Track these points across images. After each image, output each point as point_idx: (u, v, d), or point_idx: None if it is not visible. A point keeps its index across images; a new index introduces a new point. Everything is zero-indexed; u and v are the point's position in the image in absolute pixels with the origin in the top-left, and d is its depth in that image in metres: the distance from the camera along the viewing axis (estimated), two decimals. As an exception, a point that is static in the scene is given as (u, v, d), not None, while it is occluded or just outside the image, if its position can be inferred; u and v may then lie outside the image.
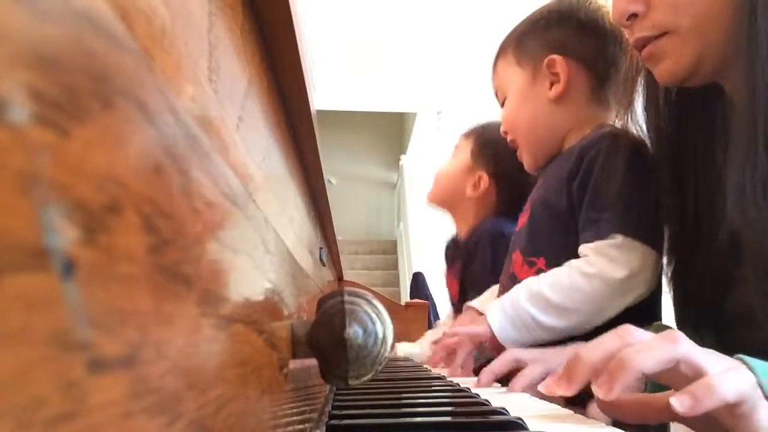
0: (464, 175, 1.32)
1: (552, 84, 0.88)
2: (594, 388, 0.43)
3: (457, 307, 1.30)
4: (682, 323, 0.72)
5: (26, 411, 0.09)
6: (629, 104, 0.73)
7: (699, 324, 0.69)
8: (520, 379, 0.68)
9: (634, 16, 0.61)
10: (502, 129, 0.97)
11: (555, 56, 0.87)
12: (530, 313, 0.77)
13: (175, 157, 0.18)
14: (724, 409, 0.39)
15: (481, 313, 0.94)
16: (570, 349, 0.70)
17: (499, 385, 0.77)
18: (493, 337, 0.79)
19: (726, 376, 0.40)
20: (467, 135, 1.37)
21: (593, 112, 0.89)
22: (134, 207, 0.14)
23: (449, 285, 1.39)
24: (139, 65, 0.16)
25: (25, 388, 0.09)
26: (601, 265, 0.74)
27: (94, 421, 0.11)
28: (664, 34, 0.59)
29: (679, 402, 0.39)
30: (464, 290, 1.29)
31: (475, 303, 1.03)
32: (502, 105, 0.96)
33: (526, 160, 0.95)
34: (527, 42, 0.91)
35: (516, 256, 0.91)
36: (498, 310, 0.80)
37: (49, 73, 0.11)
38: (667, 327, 0.74)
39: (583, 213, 0.80)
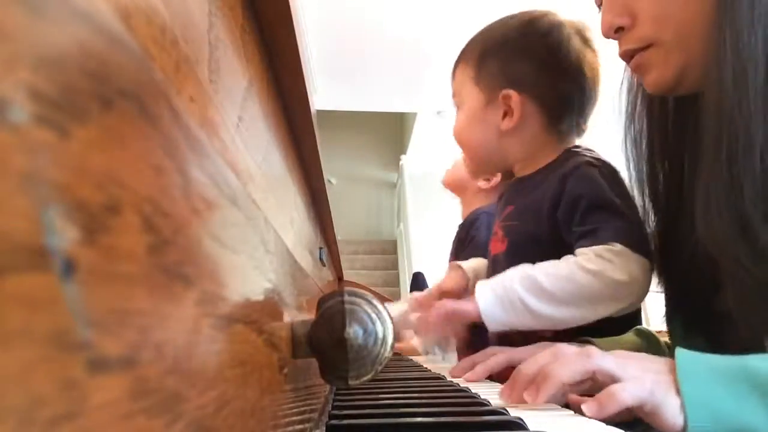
0: None
1: (505, 114, 0.89)
2: (524, 395, 0.53)
3: None
4: (672, 323, 0.73)
5: (26, 411, 0.09)
6: (632, 115, 0.74)
7: (688, 324, 0.69)
8: (480, 367, 0.74)
9: (621, 29, 0.63)
10: (455, 138, 0.98)
11: (511, 92, 0.88)
12: (520, 294, 0.76)
13: (175, 157, 0.18)
14: (635, 410, 0.48)
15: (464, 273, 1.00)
16: (536, 347, 0.73)
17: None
18: (478, 315, 0.79)
19: (625, 385, 0.49)
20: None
21: (543, 145, 0.90)
22: (134, 207, 0.14)
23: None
24: (139, 65, 0.16)
25: (25, 388, 0.09)
26: (603, 265, 0.75)
27: (94, 421, 0.11)
28: (650, 45, 0.62)
29: (587, 407, 0.48)
30: None
31: (462, 262, 1.04)
32: (457, 108, 0.97)
33: (469, 167, 1.03)
34: (489, 64, 0.91)
35: None
36: (487, 288, 0.80)
37: (49, 73, 0.11)
38: (649, 332, 0.76)
39: (576, 227, 0.80)
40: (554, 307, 0.76)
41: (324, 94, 4.47)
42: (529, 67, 0.88)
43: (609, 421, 0.48)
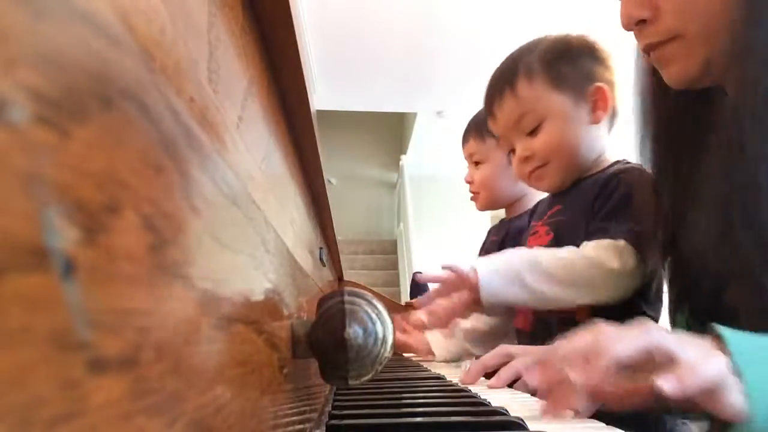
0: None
1: (593, 109, 0.93)
2: (571, 375, 0.46)
3: None
4: (677, 314, 0.73)
5: (26, 411, 0.09)
6: (643, 113, 0.75)
7: (692, 317, 0.69)
8: (507, 370, 0.70)
9: (642, 21, 0.61)
10: (540, 155, 0.96)
11: (601, 84, 0.93)
12: (518, 269, 0.82)
13: (175, 157, 0.18)
14: (702, 391, 0.43)
15: None
16: (552, 349, 0.72)
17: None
18: (476, 286, 0.83)
19: (707, 360, 0.44)
20: (484, 134, 1.37)
21: (605, 143, 0.96)
22: (134, 207, 0.14)
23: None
24: (139, 65, 0.16)
25: (25, 388, 0.09)
26: (601, 254, 0.81)
27: (94, 421, 0.11)
28: (673, 38, 0.60)
29: (665, 382, 0.42)
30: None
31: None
32: (532, 132, 0.96)
33: (552, 182, 0.97)
34: (563, 67, 0.94)
35: None
36: (489, 260, 0.85)
37: (49, 73, 0.11)
38: (662, 327, 0.75)
39: (596, 222, 0.86)
40: (548, 286, 0.81)
41: (324, 94, 4.47)
42: (597, 64, 0.94)
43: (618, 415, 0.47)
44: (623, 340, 0.46)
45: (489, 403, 0.55)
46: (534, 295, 0.81)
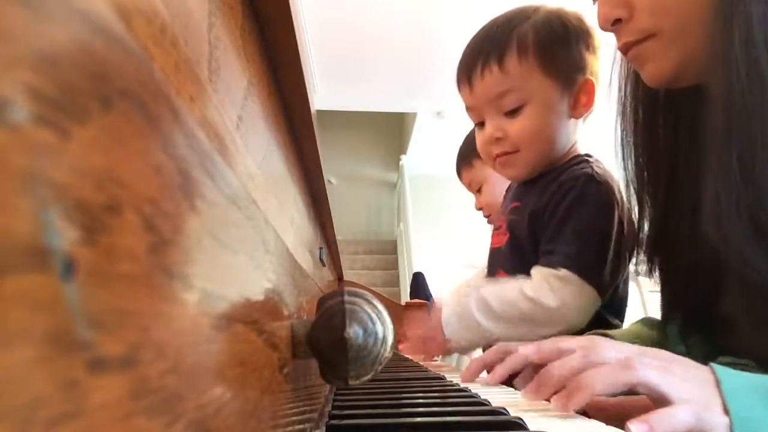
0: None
1: (576, 102, 0.88)
2: (552, 400, 0.49)
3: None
4: (669, 324, 0.72)
5: (26, 411, 0.09)
6: (622, 112, 0.74)
7: (685, 326, 0.69)
8: (500, 369, 0.70)
9: (618, 21, 0.62)
10: (512, 140, 0.89)
11: (590, 78, 0.88)
12: (474, 316, 0.86)
13: (175, 157, 0.18)
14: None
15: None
16: (551, 342, 0.72)
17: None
18: (441, 331, 0.89)
19: (678, 410, 0.44)
20: (471, 160, 1.38)
21: (575, 135, 0.92)
22: (134, 207, 0.14)
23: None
24: (139, 65, 0.16)
25: (25, 388, 0.09)
26: (541, 291, 0.81)
27: (94, 421, 0.11)
28: (648, 37, 0.60)
29: (636, 428, 0.43)
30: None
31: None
32: (511, 112, 0.88)
33: (519, 172, 0.93)
34: (556, 54, 0.87)
35: (502, 276, 0.96)
36: (451, 309, 0.90)
37: (49, 73, 0.11)
38: (657, 320, 0.75)
39: (543, 243, 0.86)
40: (501, 327, 0.84)
41: (324, 94, 4.48)
42: (590, 53, 0.89)
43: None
44: (606, 375, 0.47)
45: (489, 403, 0.55)
46: (491, 336, 0.85)
